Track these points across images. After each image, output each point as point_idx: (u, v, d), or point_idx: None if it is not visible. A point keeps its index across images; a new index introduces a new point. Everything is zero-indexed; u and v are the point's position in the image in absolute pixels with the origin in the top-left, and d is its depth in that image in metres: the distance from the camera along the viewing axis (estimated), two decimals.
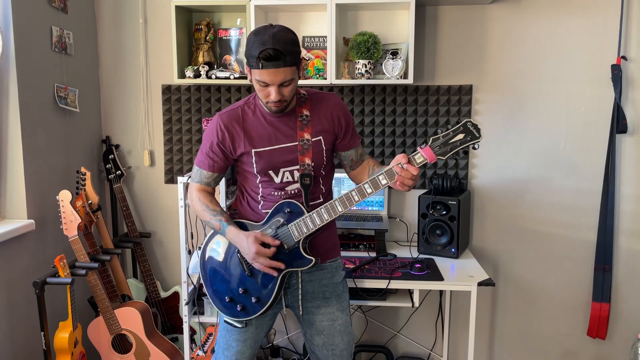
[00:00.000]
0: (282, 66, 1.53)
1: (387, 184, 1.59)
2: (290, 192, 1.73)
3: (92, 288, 2.31)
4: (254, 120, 1.70)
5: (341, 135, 1.77)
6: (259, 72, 1.54)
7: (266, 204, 1.75)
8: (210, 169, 1.75)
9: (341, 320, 1.82)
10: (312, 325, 1.82)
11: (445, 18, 2.57)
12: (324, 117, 1.73)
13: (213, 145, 1.71)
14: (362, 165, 1.84)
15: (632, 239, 2.62)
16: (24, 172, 2.22)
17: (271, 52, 1.51)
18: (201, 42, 2.59)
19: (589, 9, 2.50)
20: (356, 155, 1.82)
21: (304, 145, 1.70)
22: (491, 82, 2.60)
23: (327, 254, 1.82)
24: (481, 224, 2.70)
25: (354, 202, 1.61)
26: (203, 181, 1.78)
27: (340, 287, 1.84)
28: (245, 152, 1.70)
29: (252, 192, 1.78)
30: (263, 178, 1.72)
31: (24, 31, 2.19)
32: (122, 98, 2.78)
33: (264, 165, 1.70)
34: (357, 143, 1.82)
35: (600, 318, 2.61)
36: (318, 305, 1.80)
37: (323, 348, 1.82)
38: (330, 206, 1.63)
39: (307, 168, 1.71)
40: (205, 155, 1.74)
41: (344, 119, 1.76)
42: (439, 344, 2.81)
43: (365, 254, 2.46)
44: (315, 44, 2.58)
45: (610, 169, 2.51)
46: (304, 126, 1.70)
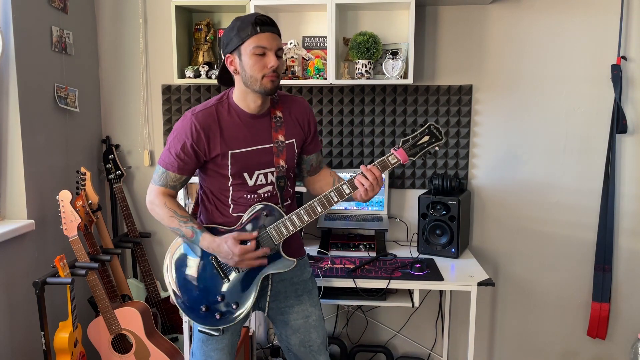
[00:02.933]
0: (277, 32, 1.58)
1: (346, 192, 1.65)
2: (263, 194, 1.70)
3: (92, 288, 2.31)
4: (229, 120, 1.64)
5: (309, 139, 1.78)
6: (256, 38, 1.54)
7: (237, 207, 1.69)
8: (180, 172, 1.64)
9: (315, 316, 1.81)
10: (286, 325, 1.81)
11: (445, 18, 2.57)
12: (296, 119, 1.73)
13: (186, 147, 1.60)
14: (322, 172, 1.86)
15: (632, 238, 2.62)
16: (24, 172, 2.22)
17: (266, 18, 1.56)
18: (201, 42, 2.59)
19: (589, 9, 2.50)
20: (317, 160, 1.84)
21: (278, 147, 1.69)
22: (491, 82, 2.60)
23: (297, 252, 1.81)
24: (481, 224, 2.70)
25: (333, 202, 1.64)
26: (169, 184, 1.66)
27: (309, 283, 1.84)
28: (220, 154, 1.62)
29: (220, 196, 1.70)
30: (235, 181, 1.67)
31: (24, 31, 2.19)
32: (122, 98, 2.78)
33: (239, 167, 1.65)
34: (320, 148, 1.85)
35: (600, 318, 2.61)
36: (291, 304, 1.79)
37: (300, 346, 1.81)
38: (310, 207, 1.64)
39: (282, 170, 1.70)
40: (175, 157, 1.62)
41: (313, 123, 1.79)
42: (439, 344, 2.81)
43: (365, 254, 2.46)
44: (315, 44, 2.58)
45: (610, 169, 2.51)
46: (278, 128, 1.69)
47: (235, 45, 1.57)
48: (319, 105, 2.66)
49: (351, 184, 1.63)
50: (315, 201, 1.64)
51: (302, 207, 1.65)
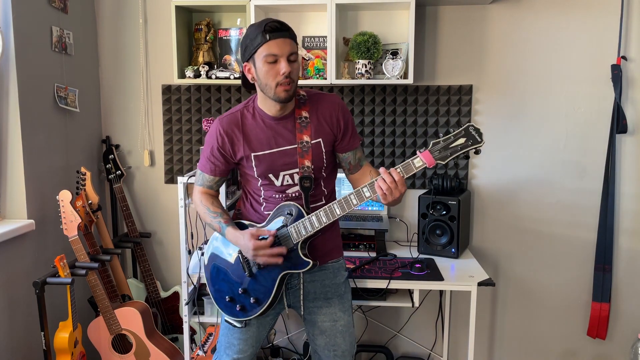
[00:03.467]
0: (288, 37, 1.57)
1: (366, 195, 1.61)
2: (291, 194, 1.73)
3: (92, 288, 2.31)
4: (253, 123, 1.71)
5: (339, 137, 1.75)
6: (267, 46, 1.55)
7: (268, 205, 1.76)
8: (212, 173, 1.77)
9: (343, 321, 1.82)
10: (314, 325, 1.83)
11: (445, 18, 2.57)
12: (323, 119, 1.72)
13: (214, 150, 1.73)
14: (362, 170, 1.82)
15: (632, 238, 2.62)
16: (24, 172, 2.22)
17: (276, 23, 1.56)
18: (201, 42, 2.59)
19: (589, 9, 2.50)
20: (354, 158, 1.80)
21: (303, 148, 1.69)
22: (491, 82, 2.60)
23: (329, 255, 1.82)
24: (481, 224, 2.70)
25: (352, 205, 1.61)
26: (205, 184, 1.80)
27: (342, 287, 1.84)
28: (244, 156, 1.71)
29: (254, 194, 1.79)
30: (264, 181, 1.73)
31: (24, 31, 2.19)
32: (122, 98, 2.78)
33: (263, 169, 1.71)
34: (355, 145, 1.79)
35: (600, 318, 2.61)
36: (320, 305, 1.80)
37: (325, 348, 1.83)
38: (329, 209, 1.64)
39: (307, 170, 1.70)
40: (207, 160, 1.76)
41: (343, 120, 1.74)
42: (439, 344, 2.81)
43: (365, 254, 2.46)
44: (315, 44, 2.58)
45: (610, 169, 2.51)
46: (303, 128, 1.70)
47: (250, 54, 1.60)
48: None
49: (371, 187, 1.58)
50: (335, 203, 1.63)
51: (322, 209, 1.65)
